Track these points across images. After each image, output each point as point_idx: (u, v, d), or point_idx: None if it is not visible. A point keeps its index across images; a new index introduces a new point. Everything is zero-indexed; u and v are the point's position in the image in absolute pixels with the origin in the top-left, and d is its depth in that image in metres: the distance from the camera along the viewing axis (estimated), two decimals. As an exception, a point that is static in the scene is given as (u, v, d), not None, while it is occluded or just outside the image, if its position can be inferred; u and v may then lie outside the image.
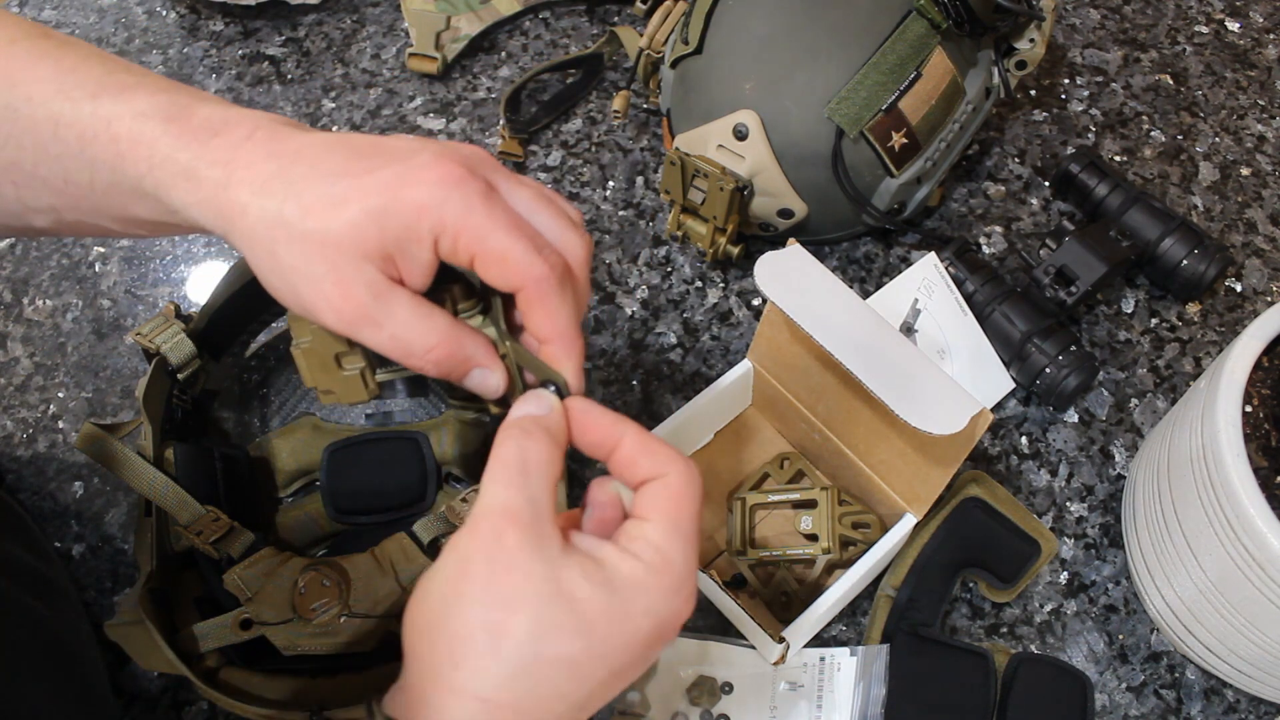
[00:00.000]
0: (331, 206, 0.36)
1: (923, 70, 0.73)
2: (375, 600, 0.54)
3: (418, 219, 0.37)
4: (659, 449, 0.38)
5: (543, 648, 0.33)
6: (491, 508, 0.35)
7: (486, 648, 0.33)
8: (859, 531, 0.66)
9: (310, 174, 0.37)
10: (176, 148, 0.38)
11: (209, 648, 0.54)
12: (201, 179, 0.38)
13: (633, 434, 0.38)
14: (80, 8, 1.02)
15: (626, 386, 0.76)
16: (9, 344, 0.80)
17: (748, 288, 0.81)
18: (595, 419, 0.38)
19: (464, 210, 0.37)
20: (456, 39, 0.95)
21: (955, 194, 0.86)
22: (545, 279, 0.38)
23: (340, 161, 0.37)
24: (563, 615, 0.33)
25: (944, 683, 0.62)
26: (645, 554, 0.35)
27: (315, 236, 0.36)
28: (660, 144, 0.90)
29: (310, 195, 0.37)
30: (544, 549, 0.34)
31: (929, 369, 0.57)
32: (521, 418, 0.37)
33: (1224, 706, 0.64)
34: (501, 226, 0.37)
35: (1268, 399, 0.57)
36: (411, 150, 0.38)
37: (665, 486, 0.37)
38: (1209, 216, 0.85)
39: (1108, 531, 0.70)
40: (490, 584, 0.33)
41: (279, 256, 0.37)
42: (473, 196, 0.37)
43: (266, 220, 0.37)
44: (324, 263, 0.37)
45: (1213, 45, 0.96)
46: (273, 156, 0.37)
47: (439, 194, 0.36)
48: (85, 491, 0.72)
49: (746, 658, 0.64)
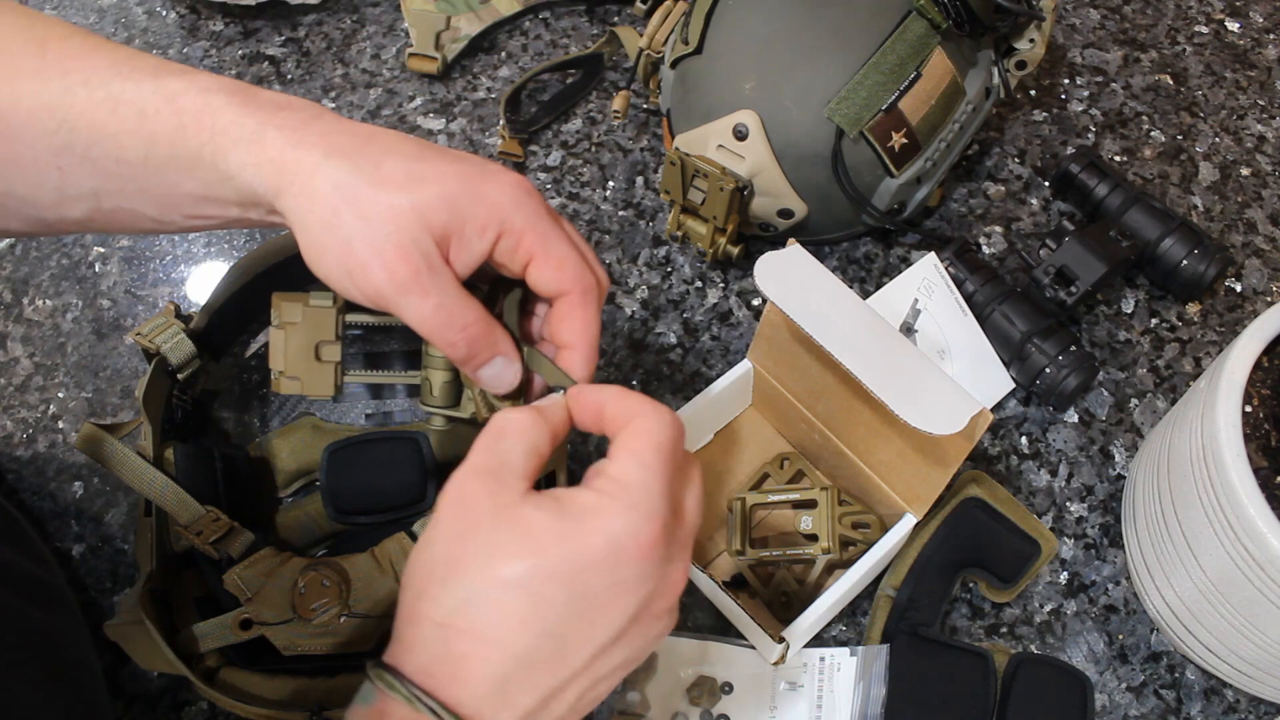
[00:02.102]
0: (410, 181, 0.39)
1: (923, 70, 0.73)
2: (375, 600, 0.54)
3: (489, 212, 0.40)
4: (631, 399, 0.40)
5: (492, 570, 0.34)
6: (463, 468, 0.38)
7: (442, 575, 0.35)
8: (859, 531, 0.66)
9: (389, 152, 0.40)
10: (244, 114, 0.40)
11: (209, 648, 0.54)
12: (267, 140, 0.39)
13: (611, 393, 0.40)
14: (80, 8, 1.02)
15: (626, 386, 0.76)
16: (9, 344, 0.80)
17: (748, 288, 0.81)
18: (588, 394, 0.40)
19: (534, 216, 0.41)
20: (456, 39, 0.95)
21: (955, 194, 0.86)
22: (593, 288, 0.43)
23: (417, 149, 0.40)
24: (510, 537, 0.35)
25: (944, 683, 0.62)
26: (602, 485, 0.37)
27: (386, 202, 0.38)
28: (660, 144, 0.90)
29: (389, 167, 0.39)
30: (501, 492, 0.36)
31: (929, 369, 0.57)
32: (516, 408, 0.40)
33: (1224, 706, 0.64)
34: (563, 237, 0.42)
35: (1268, 399, 0.57)
36: (485, 160, 0.41)
37: (633, 430, 0.39)
38: (1209, 216, 0.85)
39: (1108, 531, 0.70)
40: (450, 524, 0.36)
41: (341, 215, 0.39)
42: (541, 207, 0.41)
43: (336, 180, 0.39)
44: (389, 227, 0.38)
45: (1213, 45, 0.96)
46: (346, 132, 0.40)
47: (514, 195, 0.40)
48: (85, 491, 0.72)
49: (746, 658, 0.64)
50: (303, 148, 0.39)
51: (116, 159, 0.41)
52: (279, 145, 0.40)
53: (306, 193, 0.39)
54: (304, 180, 0.39)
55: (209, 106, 0.40)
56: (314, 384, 0.47)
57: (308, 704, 0.52)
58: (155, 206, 0.43)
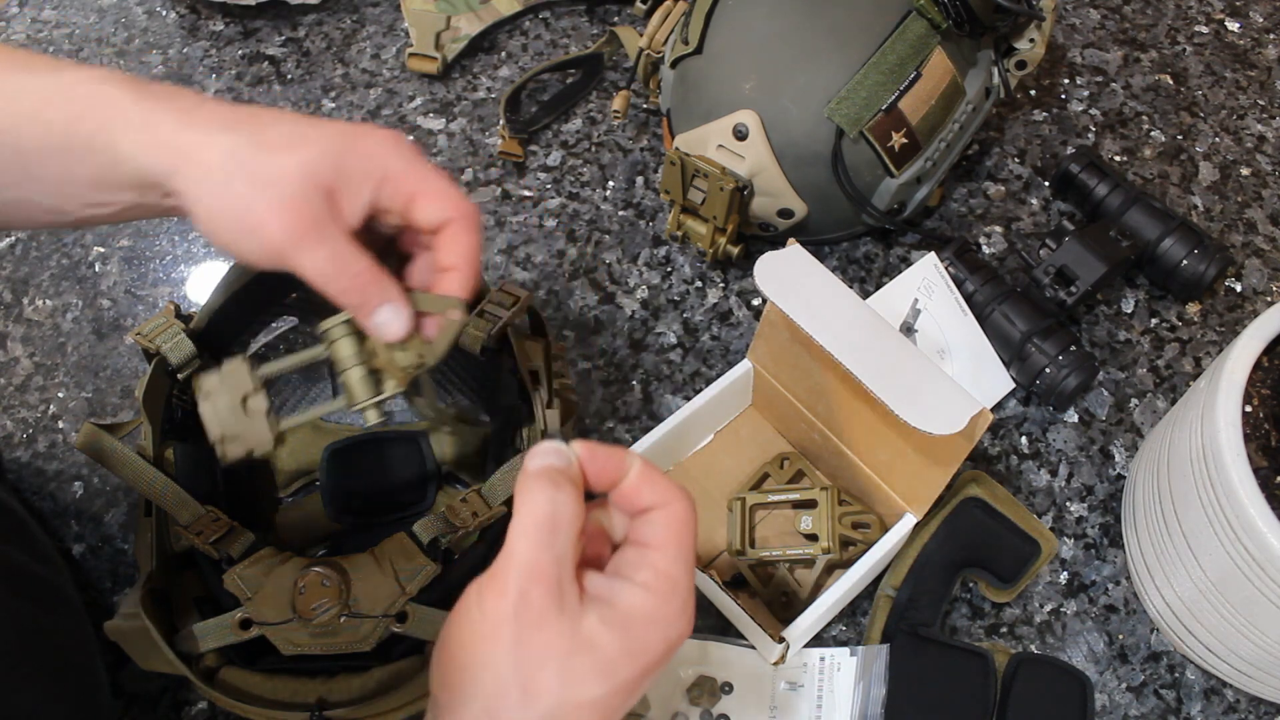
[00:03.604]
0: (293, 143, 0.42)
1: (923, 70, 0.73)
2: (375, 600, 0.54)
3: (369, 163, 0.43)
4: (661, 479, 0.41)
5: (570, 694, 0.36)
6: (520, 568, 0.37)
7: (519, 702, 0.36)
8: (859, 531, 0.66)
9: (272, 121, 0.43)
10: (135, 101, 0.42)
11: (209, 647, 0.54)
12: (158, 124, 0.42)
13: (639, 465, 0.41)
14: (80, 7, 1.02)
15: (626, 386, 0.76)
16: (9, 344, 0.80)
17: (748, 288, 0.81)
18: (604, 458, 0.41)
19: (408, 160, 0.44)
20: (456, 39, 0.95)
21: (955, 194, 0.86)
22: (473, 213, 0.46)
23: (298, 117, 0.44)
24: (587, 665, 0.36)
25: (944, 683, 0.62)
26: (653, 583, 0.38)
27: (275, 164, 0.41)
28: (660, 144, 0.90)
29: (273, 133, 0.42)
30: (566, 606, 0.37)
31: (929, 369, 0.57)
32: (546, 468, 0.39)
33: (1224, 706, 0.64)
34: (440, 174, 0.45)
35: (1268, 399, 0.57)
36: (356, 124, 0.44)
37: (670, 515, 0.40)
38: (1209, 216, 0.85)
39: (1107, 531, 0.70)
40: (519, 643, 0.36)
41: (234, 181, 0.42)
42: (416, 152, 0.45)
43: (227, 151, 0.42)
44: (280, 187, 0.42)
45: (1213, 45, 0.96)
46: (231, 111, 0.43)
47: (388, 146, 0.44)
48: (85, 491, 0.72)
49: (746, 658, 0.64)
50: (192, 128, 0.42)
51: (14, 149, 0.43)
52: (170, 128, 0.42)
53: (200, 167, 0.42)
54: (196, 156, 0.42)
55: (102, 94, 0.42)
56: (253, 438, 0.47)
57: (308, 703, 0.52)
58: (52, 196, 0.45)
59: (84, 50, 0.98)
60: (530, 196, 0.87)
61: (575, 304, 0.80)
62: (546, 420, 0.59)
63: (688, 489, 0.41)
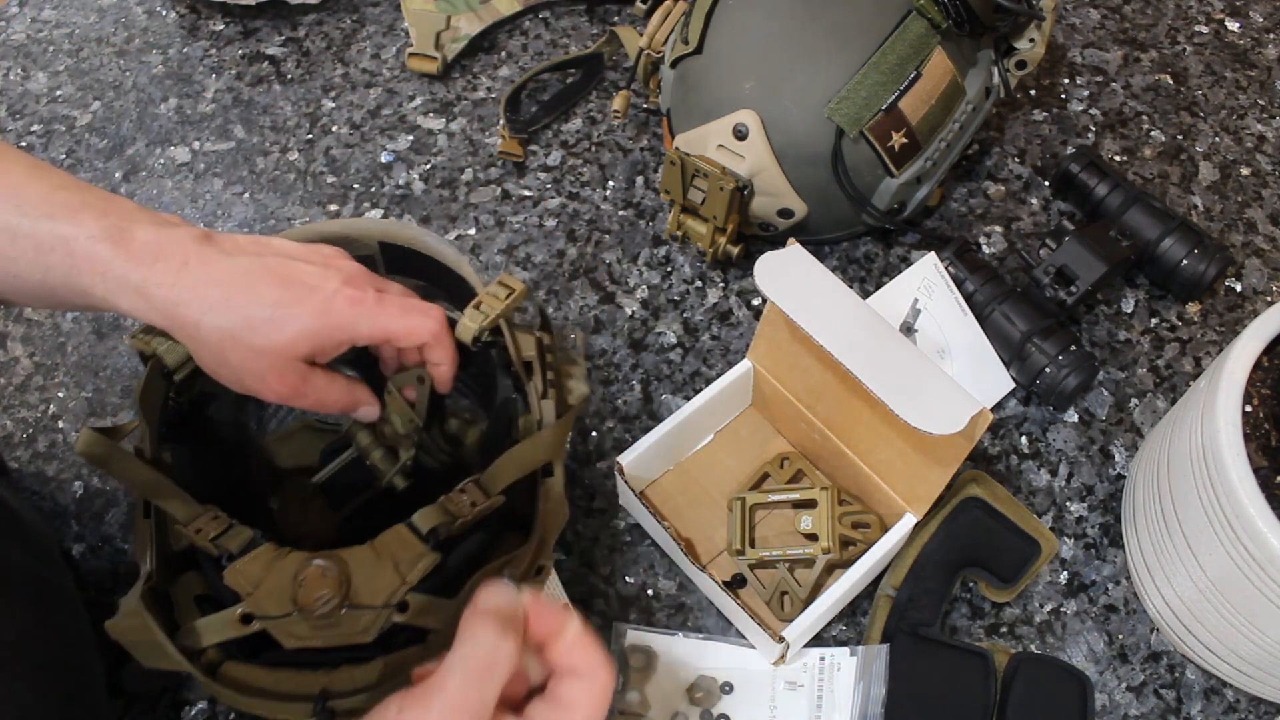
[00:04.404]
0: (274, 327, 0.50)
1: (923, 70, 0.73)
2: (375, 591, 0.54)
3: (337, 334, 0.52)
4: (593, 648, 0.44)
5: None
6: (446, 703, 0.40)
7: None
8: (859, 531, 0.66)
9: (251, 300, 0.50)
10: (128, 269, 0.49)
11: (210, 642, 0.54)
12: (152, 297, 0.49)
13: (577, 627, 0.44)
14: (80, 7, 1.02)
15: (626, 386, 0.76)
16: (9, 344, 0.80)
17: (748, 288, 0.81)
18: (547, 614, 0.44)
19: (370, 318, 0.53)
20: (456, 39, 0.95)
21: (955, 194, 0.86)
22: (437, 330, 0.55)
23: (271, 291, 0.50)
24: None
25: (944, 683, 0.62)
26: None
27: (261, 346, 0.51)
28: (660, 144, 0.90)
29: (256, 317, 0.50)
30: None
31: (929, 369, 0.57)
32: (495, 610, 0.43)
33: (1224, 706, 0.64)
34: (395, 313, 0.53)
35: (1268, 399, 0.57)
36: (323, 278, 0.52)
37: (592, 685, 0.43)
38: (1209, 216, 0.85)
39: (1107, 531, 0.70)
40: None
41: (229, 358, 0.51)
42: (373, 307, 0.53)
43: (219, 333, 0.50)
44: (267, 362, 0.51)
45: (1213, 45, 0.96)
46: (214, 283, 0.50)
47: (352, 315, 0.52)
48: (85, 491, 0.72)
49: (746, 658, 0.64)
50: (184, 305, 0.49)
51: (15, 275, 0.50)
52: (161, 300, 0.49)
53: (198, 341, 0.51)
54: (190, 332, 0.50)
55: (97, 257, 0.48)
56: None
57: (311, 694, 0.52)
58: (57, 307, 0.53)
59: (84, 50, 0.98)
60: (530, 196, 0.87)
61: (575, 304, 0.80)
62: (542, 411, 0.59)
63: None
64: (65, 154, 0.91)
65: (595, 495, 0.71)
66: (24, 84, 0.96)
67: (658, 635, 0.65)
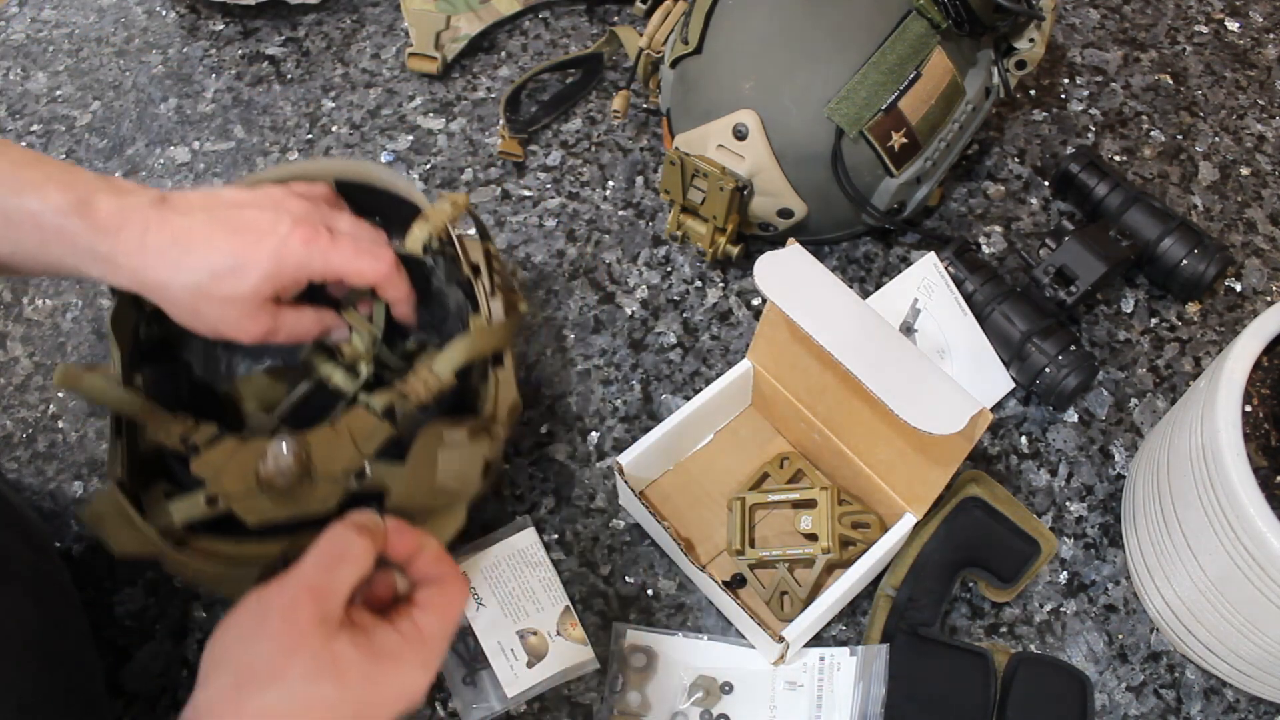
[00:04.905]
0: (237, 275, 0.54)
1: (922, 70, 0.73)
2: (334, 463, 0.56)
3: (296, 272, 0.55)
4: (448, 562, 0.50)
5: (306, 687, 0.43)
6: (300, 581, 0.45)
7: (262, 681, 0.43)
8: (859, 531, 0.66)
9: (211, 253, 0.53)
10: (95, 240, 0.52)
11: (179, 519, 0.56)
12: (120, 265, 0.52)
13: (434, 546, 0.50)
14: (80, 7, 1.02)
15: (626, 386, 0.76)
16: (9, 344, 0.80)
17: (748, 288, 0.81)
18: (406, 534, 0.50)
19: (324, 258, 0.55)
20: (456, 39, 0.95)
21: (955, 194, 0.86)
22: (388, 271, 0.58)
23: (227, 242, 0.54)
24: (328, 669, 0.43)
25: (944, 683, 0.62)
26: (409, 632, 0.47)
27: (228, 295, 0.54)
28: (660, 144, 0.90)
29: (220, 268, 0.53)
30: (326, 621, 0.44)
31: (929, 369, 0.57)
32: (355, 521, 0.48)
33: (1224, 706, 0.64)
34: (349, 256, 0.56)
35: (1268, 399, 0.57)
36: (275, 222, 0.55)
37: (446, 590, 0.49)
38: (1209, 216, 0.85)
39: (1107, 531, 0.70)
40: (278, 635, 0.44)
41: (201, 311, 0.54)
42: (325, 244, 0.55)
43: (187, 290, 0.53)
44: (237, 310, 0.55)
45: (1212, 45, 0.96)
46: (175, 244, 0.53)
47: (305, 253, 0.55)
48: (85, 491, 0.72)
49: (746, 658, 0.64)
50: (149, 269, 0.53)
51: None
52: (129, 267, 0.52)
53: (166, 299, 0.54)
54: (161, 293, 0.54)
55: (65, 230, 0.51)
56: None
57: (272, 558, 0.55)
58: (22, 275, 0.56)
59: (84, 50, 0.98)
60: (530, 196, 0.87)
61: (575, 304, 0.80)
62: (491, 308, 0.62)
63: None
64: (65, 154, 0.91)
65: (595, 495, 0.71)
66: (24, 84, 0.96)
67: (658, 635, 0.65)
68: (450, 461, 0.57)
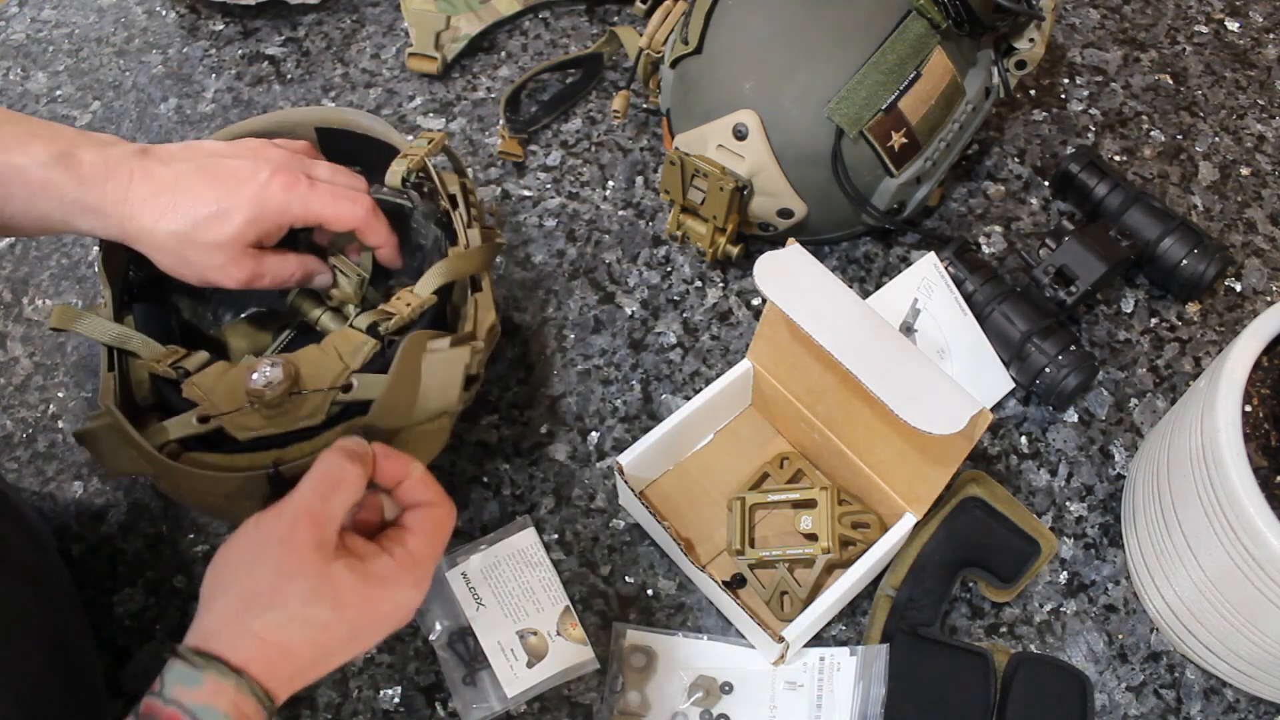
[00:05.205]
0: (220, 221, 0.55)
1: (922, 70, 0.73)
2: (322, 378, 0.57)
3: (277, 218, 0.57)
4: (434, 485, 0.52)
5: (304, 609, 0.45)
6: (297, 507, 0.47)
7: (264, 603, 0.45)
8: (859, 531, 0.66)
9: (195, 201, 0.55)
10: (82, 192, 0.53)
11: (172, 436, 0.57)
12: (108, 215, 0.54)
13: (420, 470, 0.52)
14: (80, 7, 1.02)
15: (626, 386, 0.76)
16: (9, 344, 0.80)
17: (748, 288, 0.81)
18: (393, 459, 0.51)
19: (303, 203, 0.57)
20: (456, 39, 0.95)
21: (955, 194, 0.86)
22: (365, 215, 0.60)
23: (210, 189, 0.55)
24: (326, 592, 0.46)
25: (944, 683, 0.62)
26: (400, 556, 0.48)
27: (213, 241, 0.56)
28: (660, 144, 0.90)
29: (203, 215, 0.55)
30: (323, 545, 0.46)
31: (929, 369, 0.57)
32: (345, 446, 0.50)
33: (1224, 706, 0.64)
34: (327, 200, 0.58)
35: (1268, 399, 0.57)
36: (255, 170, 0.56)
37: (433, 512, 0.51)
38: (1209, 216, 0.85)
39: (1107, 531, 0.70)
40: (277, 559, 0.46)
41: (188, 257, 0.56)
42: (305, 191, 0.57)
43: (174, 237, 0.55)
44: (222, 255, 0.56)
45: (1212, 45, 0.96)
46: (160, 193, 0.54)
47: (285, 198, 0.57)
48: (85, 491, 0.72)
49: (746, 658, 0.64)
50: (135, 218, 0.54)
51: None
52: (117, 217, 0.54)
53: (154, 247, 0.56)
54: (148, 240, 0.55)
55: (52, 183, 0.53)
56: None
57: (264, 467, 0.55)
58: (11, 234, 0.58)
59: (84, 50, 0.98)
60: (530, 196, 0.87)
61: (575, 304, 0.80)
62: (469, 237, 0.64)
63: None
64: (65, 154, 0.91)
65: (595, 495, 0.71)
66: (24, 84, 0.96)
67: (658, 635, 0.65)
68: (433, 367, 0.58)
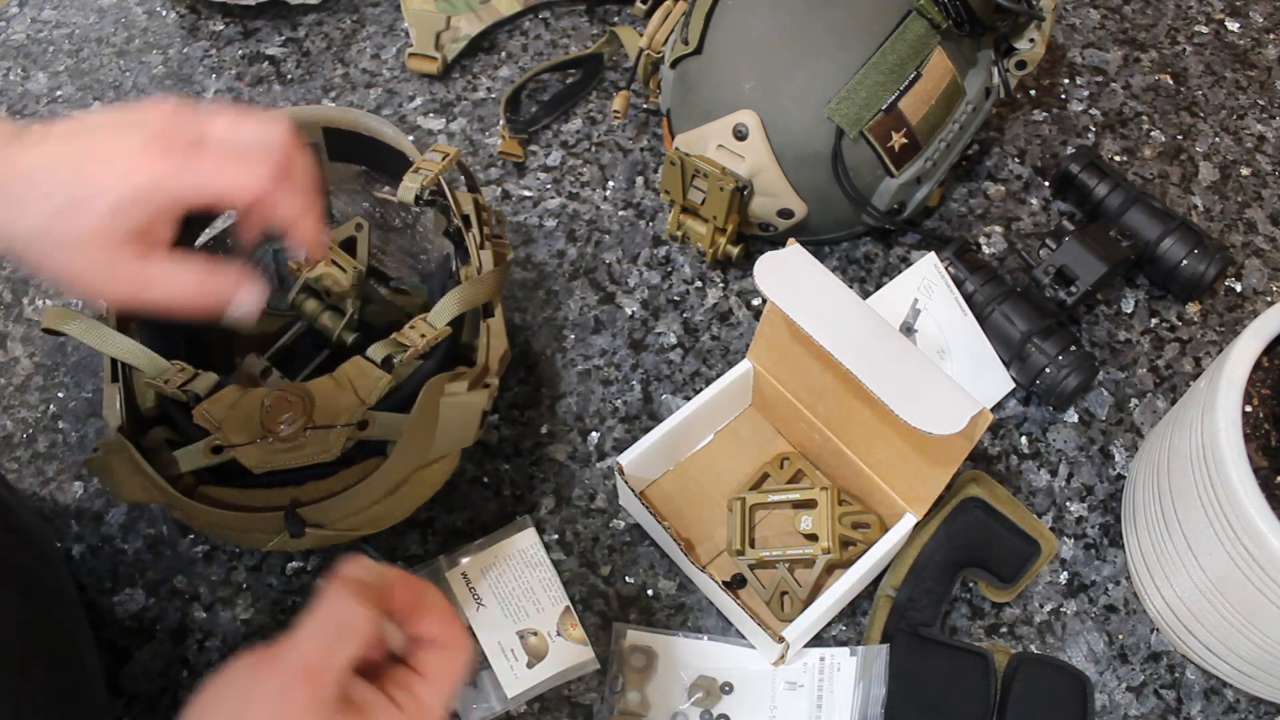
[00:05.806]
0: (80, 210, 0.42)
1: (923, 70, 0.73)
2: (337, 413, 0.57)
3: (154, 197, 0.43)
4: (454, 622, 0.44)
5: None
6: (298, 664, 0.40)
7: None
8: (859, 531, 0.66)
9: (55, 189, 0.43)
10: None
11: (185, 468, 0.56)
12: None
13: (436, 598, 0.45)
14: (80, 7, 1.02)
15: (626, 386, 0.76)
16: (9, 344, 0.80)
17: (748, 288, 0.81)
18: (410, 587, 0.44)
19: (179, 172, 0.43)
20: (456, 39, 0.95)
21: (955, 194, 0.86)
22: (262, 186, 0.45)
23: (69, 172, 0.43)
24: None
25: (944, 683, 0.62)
26: (410, 708, 0.42)
27: (74, 236, 0.43)
28: (660, 144, 0.90)
29: (60, 204, 0.42)
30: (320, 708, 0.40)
31: (929, 369, 0.57)
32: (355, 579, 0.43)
33: (1224, 706, 0.64)
34: (212, 172, 0.44)
35: (1268, 399, 0.57)
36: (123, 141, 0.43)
37: (450, 657, 0.44)
38: (1209, 216, 0.85)
39: (1107, 531, 0.70)
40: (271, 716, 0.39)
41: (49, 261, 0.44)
42: (182, 160, 0.43)
43: (30, 234, 0.43)
44: (89, 256, 0.43)
45: (1213, 45, 0.96)
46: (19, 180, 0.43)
47: (157, 171, 0.43)
48: (85, 491, 0.72)
49: (746, 658, 0.64)
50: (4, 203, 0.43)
51: None
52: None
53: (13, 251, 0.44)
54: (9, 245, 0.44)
55: None
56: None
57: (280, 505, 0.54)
58: None
59: (84, 50, 0.98)
60: (530, 196, 0.87)
61: (575, 304, 0.80)
62: (481, 259, 0.63)
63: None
64: (65, 154, 0.91)
65: (595, 495, 0.71)
66: (24, 84, 0.96)
67: (658, 635, 0.65)
68: (451, 410, 0.58)
